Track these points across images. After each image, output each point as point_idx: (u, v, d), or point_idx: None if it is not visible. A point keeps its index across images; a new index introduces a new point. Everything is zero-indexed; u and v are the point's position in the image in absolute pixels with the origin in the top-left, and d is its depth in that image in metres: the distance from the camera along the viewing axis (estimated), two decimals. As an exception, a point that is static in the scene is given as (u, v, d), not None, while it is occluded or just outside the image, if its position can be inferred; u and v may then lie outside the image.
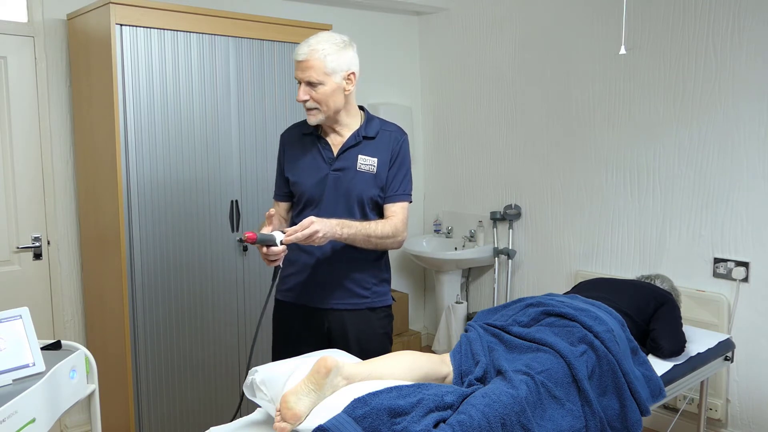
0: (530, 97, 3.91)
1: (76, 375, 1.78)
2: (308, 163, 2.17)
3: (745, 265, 3.04)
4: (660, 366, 2.30)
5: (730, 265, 3.08)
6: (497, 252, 4.11)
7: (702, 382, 2.70)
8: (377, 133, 2.18)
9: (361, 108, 2.23)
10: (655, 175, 3.34)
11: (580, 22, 3.60)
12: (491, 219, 4.15)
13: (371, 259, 2.20)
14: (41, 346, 1.78)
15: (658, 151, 3.32)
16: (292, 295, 2.24)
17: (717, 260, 3.13)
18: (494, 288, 4.16)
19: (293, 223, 2.20)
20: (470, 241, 4.30)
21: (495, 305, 3.24)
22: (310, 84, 2.04)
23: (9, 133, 3.02)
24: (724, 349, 2.64)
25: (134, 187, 2.81)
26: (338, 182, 2.14)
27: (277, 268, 2.01)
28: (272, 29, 3.15)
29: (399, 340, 4.26)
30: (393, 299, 2.32)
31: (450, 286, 4.30)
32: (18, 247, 3.09)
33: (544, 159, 3.87)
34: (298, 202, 2.21)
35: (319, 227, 1.95)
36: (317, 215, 2.08)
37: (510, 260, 4.08)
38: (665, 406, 3.29)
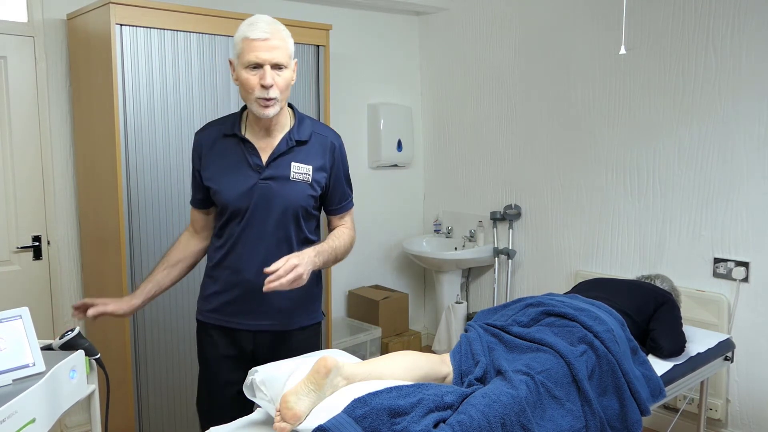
0: (530, 96, 3.91)
1: (76, 375, 1.77)
2: (232, 170, 1.92)
3: (745, 265, 3.04)
4: (660, 366, 2.30)
5: (730, 265, 3.08)
6: (497, 252, 4.11)
7: (702, 382, 2.70)
8: (310, 137, 1.96)
9: (289, 105, 2.00)
10: (655, 175, 3.35)
11: (580, 22, 3.60)
12: (491, 219, 4.15)
13: None
14: (41, 346, 1.78)
15: (658, 151, 3.32)
16: (215, 316, 2.02)
17: (717, 260, 3.13)
18: (494, 288, 4.16)
19: (217, 235, 2.01)
20: (470, 241, 4.30)
21: (495, 305, 3.24)
22: (278, 67, 1.79)
23: (9, 133, 3.02)
24: (724, 349, 2.64)
25: (134, 187, 2.81)
26: (268, 193, 1.90)
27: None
28: (272, 29, 3.14)
29: (399, 340, 4.26)
30: (323, 314, 2.15)
31: (450, 286, 4.30)
32: (18, 247, 3.09)
33: (544, 159, 3.87)
34: (222, 213, 1.97)
35: (302, 270, 1.76)
36: (245, 230, 1.92)
37: (510, 260, 4.08)
38: (665, 406, 3.30)
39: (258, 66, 1.77)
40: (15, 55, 3.00)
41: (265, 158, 1.92)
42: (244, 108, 1.97)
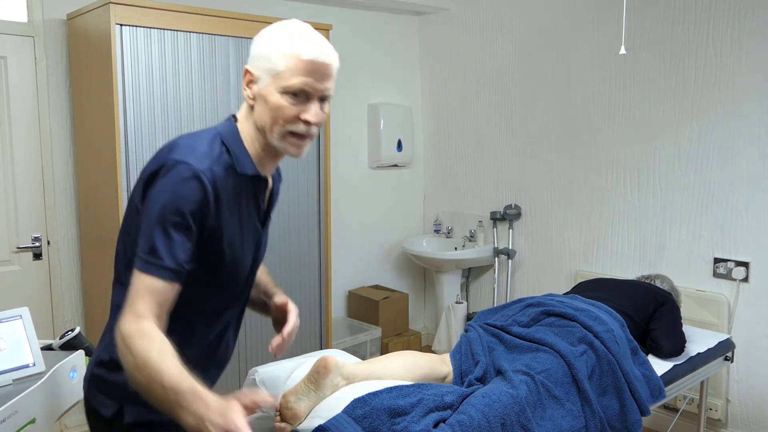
0: (530, 96, 3.91)
1: (76, 375, 1.78)
2: (245, 224, 1.37)
3: (745, 265, 3.04)
4: (660, 366, 2.30)
5: (730, 265, 3.08)
6: (497, 252, 4.11)
7: (702, 382, 2.70)
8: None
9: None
10: (655, 175, 3.35)
11: (580, 22, 3.60)
12: (491, 219, 4.15)
13: None
14: (41, 346, 1.78)
15: (658, 151, 3.32)
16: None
17: (717, 260, 3.13)
18: (494, 288, 4.16)
19: (205, 322, 1.38)
20: (470, 241, 4.30)
21: (495, 305, 3.24)
22: (324, 99, 1.34)
23: (9, 133, 3.02)
24: (724, 349, 2.64)
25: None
26: (263, 248, 1.48)
27: None
28: (272, 29, 3.14)
29: (399, 340, 4.26)
30: None
31: (450, 286, 4.30)
32: (18, 247, 3.09)
33: (544, 159, 3.87)
34: (220, 287, 1.37)
35: None
36: (240, 301, 1.45)
37: (510, 260, 4.08)
38: (665, 406, 3.29)
39: (303, 94, 1.30)
40: (15, 55, 3.00)
41: (265, 201, 1.46)
42: (230, 121, 1.39)
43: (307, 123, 1.31)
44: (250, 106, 1.35)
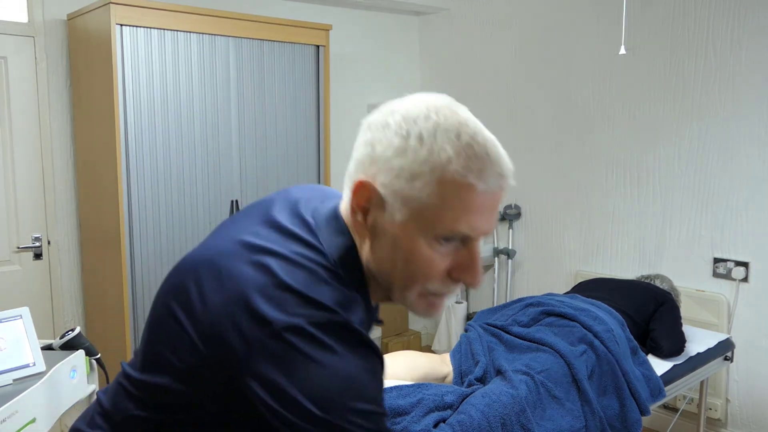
0: (530, 97, 3.91)
1: (76, 375, 1.78)
2: None
3: (745, 265, 3.04)
4: (660, 366, 2.30)
5: (730, 265, 3.08)
6: (497, 252, 4.11)
7: (702, 382, 2.70)
8: None
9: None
10: (655, 175, 3.35)
11: (581, 22, 3.60)
12: (491, 219, 4.14)
13: None
14: (41, 346, 1.78)
15: (658, 151, 3.32)
16: None
17: (717, 260, 3.13)
18: (494, 288, 4.16)
19: None
20: (470, 241, 4.30)
21: (495, 305, 3.24)
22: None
23: (9, 133, 3.02)
24: (723, 349, 2.64)
25: (134, 186, 2.81)
26: None
27: None
28: (272, 29, 3.15)
29: (399, 340, 4.26)
30: None
31: (450, 286, 4.30)
32: (18, 247, 3.09)
33: (544, 159, 3.87)
34: None
35: None
36: None
37: (510, 260, 4.08)
38: (665, 406, 3.30)
39: (460, 239, 0.84)
40: (15, 55, 3.00)
41: None
42: (343, 234, 0.87)
43: (454, 278, 0.86)
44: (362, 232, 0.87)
